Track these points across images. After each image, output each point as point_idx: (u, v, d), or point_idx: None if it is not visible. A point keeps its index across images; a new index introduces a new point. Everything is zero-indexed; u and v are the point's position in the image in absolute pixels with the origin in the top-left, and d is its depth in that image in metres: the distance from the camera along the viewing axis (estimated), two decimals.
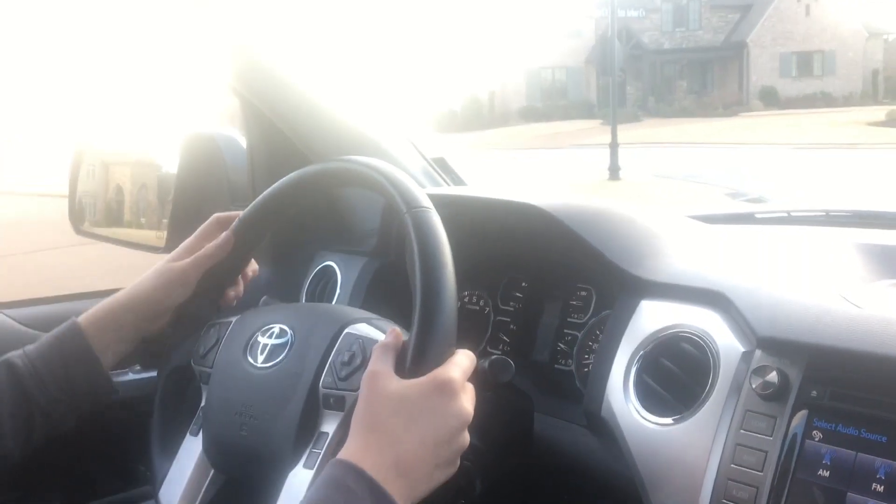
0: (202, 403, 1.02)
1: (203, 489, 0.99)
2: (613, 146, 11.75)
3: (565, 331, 1.26)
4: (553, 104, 37.84)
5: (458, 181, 1.58)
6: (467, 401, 0.80)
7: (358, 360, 0.88)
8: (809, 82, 38.09)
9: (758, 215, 1.50)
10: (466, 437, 0.79)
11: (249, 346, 0.98)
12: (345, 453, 0.73)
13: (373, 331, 0.93)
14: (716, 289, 0.95)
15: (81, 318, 1.00)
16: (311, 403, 0.89)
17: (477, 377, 0.92)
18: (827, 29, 37.30)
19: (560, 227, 1.11)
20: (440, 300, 0.82)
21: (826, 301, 0.90)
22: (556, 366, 1.25)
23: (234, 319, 1.04)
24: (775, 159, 15.09)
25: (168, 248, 1.57)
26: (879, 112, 23.58)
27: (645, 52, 38.24)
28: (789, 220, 1.47)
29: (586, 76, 38.80)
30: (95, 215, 1.69)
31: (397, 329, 0.85)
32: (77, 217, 1.69)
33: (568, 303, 1.27)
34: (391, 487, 0.71)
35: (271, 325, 0.98)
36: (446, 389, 0.77)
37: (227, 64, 1.38)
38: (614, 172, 13.27)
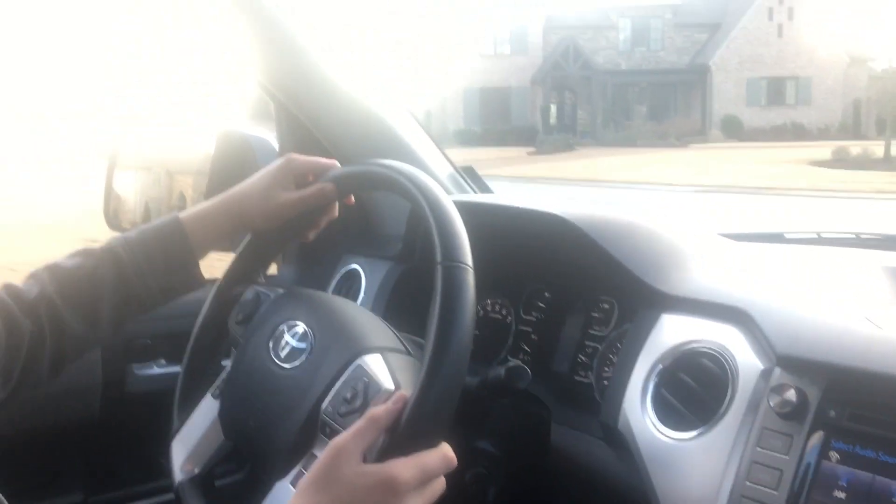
0: (228, 368, 1.04)
1: (210, 454, 1.03)
2: None
3: (586, 342, 1.26)
4: (492, 128, 32.72)
5: (485, 189, 1.59)
6: (414, 502, 0.75)
7: (358, 403, 0.85)
8: (781, 112, 33.18)
9: (788, 235, 1.49)
10: None
11: (273, 337, 0.99)
12: None
13: (383, 370, 0.88)
14: (737, 305, 0.95)
15: (183, 215, 1.01)
16: (310, 423, 0.88)
17: (494, 385, 0.92)
18: (802, 53, 32.77)
19: (585, 239, 1.11)
20: (436, 388, 0.76)
21: (848, 321, 0.89)
22: (575, 377, 1.25)
23: (272, 295, 1.05)
24: (669, 201, 12.65)
25: None
26: (826, 150, 20.79)
27: (595, 72, 33.48)
28: (819, 241, 1.46)
29: (532, 98, 34.09)
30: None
31: (404, 395, 0.78)
32: (111, 214, 1.75)
33: (590, 314, 1.27)
34: None
35: (296, 322, 0.99)
36: (388, 488, 0.72)
37: (259, 66, 1.40)
38: None
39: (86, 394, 1.41)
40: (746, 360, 0.90)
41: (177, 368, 1.12)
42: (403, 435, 0.75)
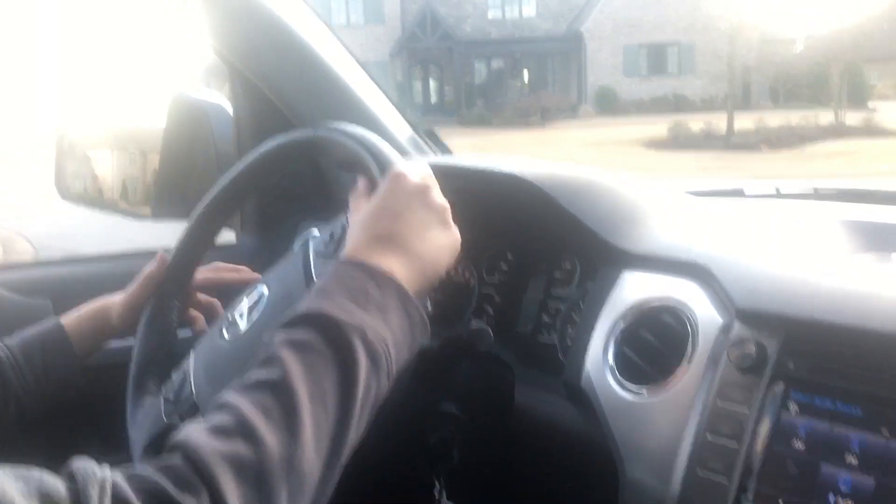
0: None
1: None
2: None
3: (549, 303, 1.25)
4: None
5: (445, 151, 1.57)
6: (420, 176, 0.84)
7: (339, 230, 0.89)
8: (662, 82, 28.31)
9: (747, 191, 1.49)
10: (437, 199, 0.84)
11: (224, 330, 0.96)
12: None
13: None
14: (697, 260, 0.95)
15: (64, 320, 1.06)
16: None
17: (456, 346, 0.92)
18: (684, 16, 27.18)
19: (545, 198, 1.10)
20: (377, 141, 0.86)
21: (807, 274, 0.89)
22: (539, 338, 1.25)
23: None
24: None
25: (155, 215, 1.58)
26: (651, 128, 18.17)
27: (457, 43, 28.67)
28: (778, 195, 1.47)
29: (392, 72, 29.07)
30: (137, 196, 1.78)
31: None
32: (63, 183, 1.75)
33: (552, 275, 1.26)
34: (381, 260, 0.75)
35: (238, 302, 0.97)
36: (396, 175, 0.81)
37: (210, 28, 1.36)
38: None
39: None
40: (706, 314, 0.90)
41: (131, 343, 1.09)
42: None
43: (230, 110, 1.55)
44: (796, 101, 23.97)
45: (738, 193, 1.48)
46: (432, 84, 30.89)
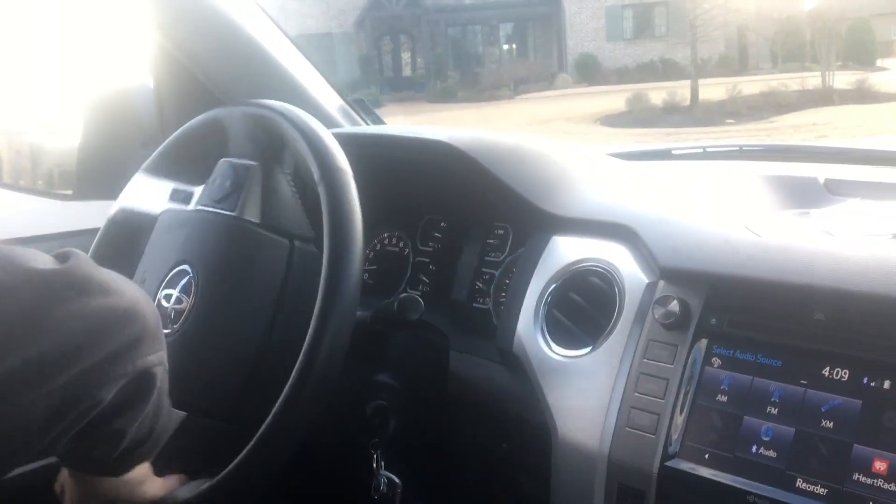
0: None
1: None
2: None
3: (483, 269, 1.26)
4: None
5: (377, 121, 1.56)
6: None
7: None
8: (649, 46, 24.51)
9: (675, 151, 1.51)
10: None
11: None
12: None
13: None
14: (622, 222, 0.96)
15: None
16: None
17: (387, 317, 0.91)
18: None
19: (473, 164, 1.10)
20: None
21: (728, 231, 0.91)
22: (474, 304, 1.25)
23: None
24: None
25: (77, 196, 1.54)
26: (619, 99, 15.64)
27: (425, 11, 25.55)
28: (704, 155, 1.49)
29: (358, 44, 26.15)
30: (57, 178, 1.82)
31: None
32: None
33: (486, 241, 1.27)
34: None
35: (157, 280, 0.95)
36: None
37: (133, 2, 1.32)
38: None
39: None
40: (632, 275, 0.92)
41: None
42: None
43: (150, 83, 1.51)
44: (797, 62, 20.90)
45: (666, 155, 1.50)
46: (404, 56, 27.96)
